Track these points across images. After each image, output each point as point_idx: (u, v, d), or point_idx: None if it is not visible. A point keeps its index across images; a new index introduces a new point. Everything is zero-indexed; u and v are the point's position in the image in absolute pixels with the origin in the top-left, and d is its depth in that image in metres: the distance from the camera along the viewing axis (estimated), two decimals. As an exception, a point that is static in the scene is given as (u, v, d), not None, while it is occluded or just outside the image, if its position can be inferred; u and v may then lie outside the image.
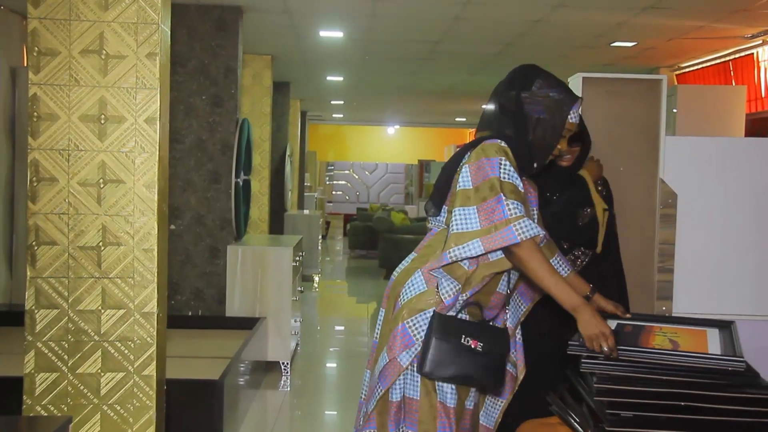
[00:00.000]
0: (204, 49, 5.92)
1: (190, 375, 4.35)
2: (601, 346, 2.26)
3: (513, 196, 2.39)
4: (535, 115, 2.53)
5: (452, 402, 2.50)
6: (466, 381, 2.48)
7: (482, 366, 2.44)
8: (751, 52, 7.78)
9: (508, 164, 2.45)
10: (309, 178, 16.55)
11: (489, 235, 2.37)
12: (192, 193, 5.92)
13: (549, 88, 2.54)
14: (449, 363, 2.43)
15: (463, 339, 2.43)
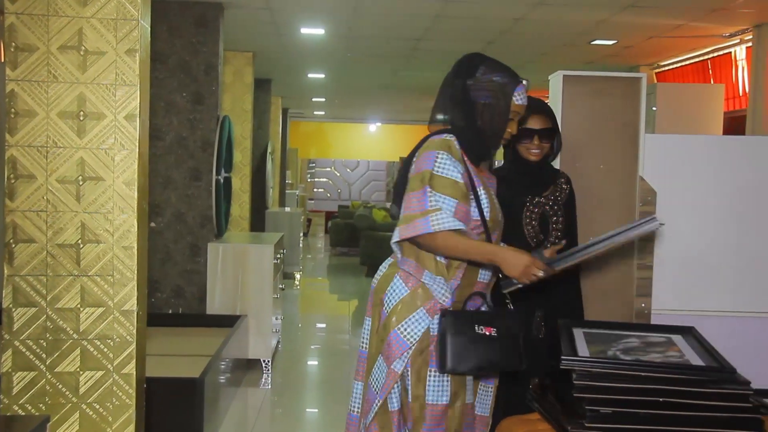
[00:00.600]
0: (184, 46, 5.89)
1: (170, 373, 4.33)
2: (535, 275, 2.40)
3: (442, 190, 2.48)
4: (481, 100, 2.59)
5: (444, 399, 2.53)
6: (492, 368, 2.53)
7: (502, 350, 2.49)
8: (729, 51, 7.84)
9: (445, 157, 2.53)
10: (290, 176, 16.51)
11: (407, 224, 2.50)
12: (172, 190, 5.90)
13: (492, 73, 2.60)
14: (469, 354, 2.46)
15: (477, 328, 2.48)
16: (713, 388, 2.17)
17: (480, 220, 2.56)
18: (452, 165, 2.53)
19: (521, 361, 2.52)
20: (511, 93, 2.58)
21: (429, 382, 2.55)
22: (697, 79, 8.46)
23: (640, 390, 2.20)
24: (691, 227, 3.66)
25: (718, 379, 2.21)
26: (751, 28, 6.89)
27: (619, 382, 2.21)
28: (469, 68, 2.63)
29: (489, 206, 2.60)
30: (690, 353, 2.42)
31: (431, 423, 2.54)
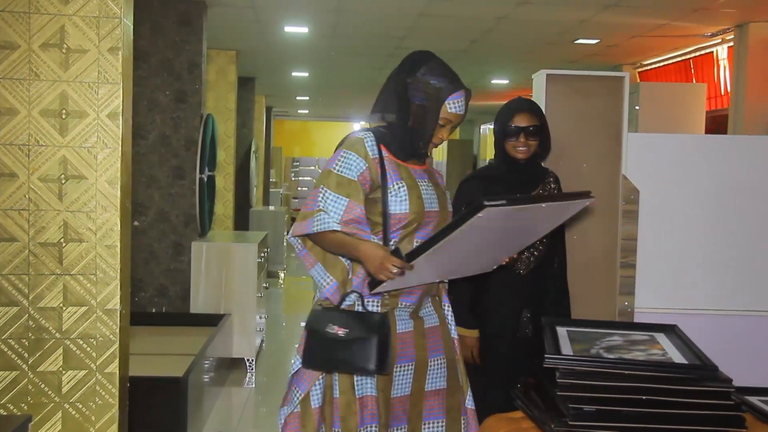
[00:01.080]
0: (168, 44, 5.87)
1: (154, 372, 4.32)
2: (390, 271, 2.37)
3: (337, 189, 2.53)
4: (416, 101, 2.57)
5: (373, 392, 2.55)
6: (344, 367, 2.52)
7: (352, 351, 2.47)
8: (711, 51, 7.90)
9: (347, 156, 2.56)
10: (274, 174, 16.48)
11: (300, 222, 2.56)
12: (156, 189, 5.87)
13: (432, 76, 2.57)
14: (321, 352, 2.52)
15: (329, 327, 2.52)
16: (695, 386, 2.19)
17: (401, 213, 2.55)
18: (353, 163, 2.55)
19: (367, 364, 2.46)
20: (444, 99, 2.55)
21: (356, 376, 2.56)
22: (680, 78, 8.52)
23: (623, 388, 2.21)
24: (674, 226, 3.68)
25: (700, 376, 2.22)
26: (733, 27, 6.95)
27: (602, 380, 2.22)
28: (413, 66, 2.62)
29: (406, 200, 2.56)
30: (673, 351, 2.44)
31: (362, 416, 2.54)
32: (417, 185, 2.61)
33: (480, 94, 13.46)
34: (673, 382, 2.20)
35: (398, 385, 2.64)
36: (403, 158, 2.63)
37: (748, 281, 3.70)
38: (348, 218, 2.52)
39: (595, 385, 2.21)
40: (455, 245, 2.38)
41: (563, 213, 2.61)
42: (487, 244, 2.55)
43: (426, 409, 2.69)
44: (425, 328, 2.70)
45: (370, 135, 2.62)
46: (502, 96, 13.73)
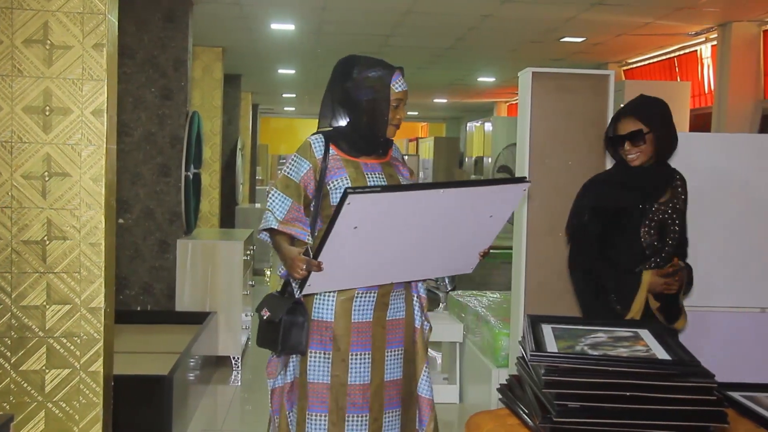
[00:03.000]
0: (153, 41, 5.84)
1: (138, 371, 4.30)
2: (301, 270, 2.53)
3: (284, 190, 2.76)
4: (364, 98, 2.75)
5: (324, 378, 2.74)
6: (266, 346, 2.78)
7: (266, 331, 2.77)
8: (695, 50, 7.95)
9: (295, 159, 2.79)
10: (260, 172, 16.45)
11: (262, 220, 2.82)
12: (141, 186, 5.85)
13: (367, 70, 2.76)
14: (259, 332, 2.80)
15: (262, 311, 2.77)
16: (678, 382, 2.20)
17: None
18: (299, 166, 2.77)
19: (268, 344, 2.75)
20: (388, 83, 2.74)
21: (310, 361, 2.76)
22: (664, 76, 8.56)
23: (608, 384, 2.22)
24: (658, 223, 3.69)
25: (683, 372, 2.23)
26: (716, 26, 6.99)
27: (586, 377, 2.23)
28: (344, 73, 2.80)
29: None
30: (656, 347, 2.45)
31: (313, 401, 2.74)
32: (364, 178, 2.75)
33: (466, 92, 13.48)
34: (656, 378, 2.21)
35: (355, 372, 2.77)
36: (356, 155, 2.79)
37: (729, 278, 3.72)
38: (290, 217, 2.75)
39: (580, 381, 2.22)
40: (363, 241, 2.47)
41: (499, 200, 2.62)
42: (418, 242, 2.61)
43: (386, 399, 2.82)
44: (387, 320, 2.82)
45: (320, 136, 2.81)
46: (489, 94, 13.76)
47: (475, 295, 5.63)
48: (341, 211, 2.34)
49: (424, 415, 2.90)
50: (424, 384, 2.92)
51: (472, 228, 2.68)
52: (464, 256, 2.77)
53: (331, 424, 2.74)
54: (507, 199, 2.64)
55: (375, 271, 2.68)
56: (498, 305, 5.23)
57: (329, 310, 2.76)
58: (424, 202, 2.49)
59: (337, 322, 2.76)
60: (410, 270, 2.77)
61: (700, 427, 2.19)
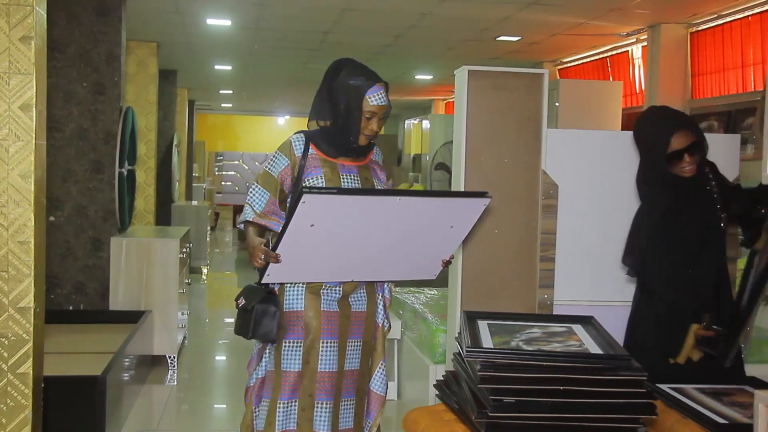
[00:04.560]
0: (84, 35, 5.71)
1: (70, 371, 4.22)
2: (258, 259, 2.69)
3: (264, 185, 2.91)
4: (341, 102, 2.86)
5: (296, 367, 2.86)
6: (239, 333, 2.88)
7: (243, 320, 2.86)
8: (626, 50, 8.12)
9: (275, 155, 2.94)
10: (197, 169, 16.25)
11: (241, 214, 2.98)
12: (73, 183, 5.72)
13: (350, 77, 2.86)
14: (236, 321, 2.89)
15: (239, 299, 2.89)
16: (610, 376, 2.25)
17: None
18: (278, 162, 2.92)
19: (247, 332, 2.84)
20: (363, 94, 2.83)
21: (283, 351, 2.89)
22: (597, 76, 8.73)
23: (542, 379, 2.25)
24: (592, 219, 3.76)
25: (614, 366, 2.28)
26: (646, 28, 7.16)
27: (521, 372, 2.26)
28: (335, 72, 2.91)
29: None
30: (589, 342, 2.50)
31: (285, 389, 2.85)
32: (339, 178, 2.87)
33: (404, 90, 13.53)
34: (589, 372, 2.25)
35: (324, 359, 2.88)
36: (334, 155, 2.90)
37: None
38: (267, 210, 2.91)
39: (515, 376, 2.25)
40: (321, 238, 2.58)
41: (458, 212, 2.69)
42: (378, 244, 2.69)
43: (343, 387, 2.94)
44: (351, 311, 2.94)
45: (301, 135, 2.95)
46: (426, 91, 13.83)
47: (412, 292, 5.65)
48: (296, 208, 2.45)
49: (373, 409, 3.01)
50: (378, 380, 3.03)
51: (433, 236, 2.76)
52: (427, 262, 2.86)
53: (301, 410, 2.85)
54: (467, 212, 2.71)
55: (335, 268, 2.78)
56: (435, 302, 5.27)
57: (299, 300, 2.88)
58: (381, 208, 2.57)
59: (307, 310, 2.88)
60: (371, 271, 2.87)
61: (631, 418, 2.25)
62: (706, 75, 6.87)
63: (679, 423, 2.43)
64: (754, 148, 5.81)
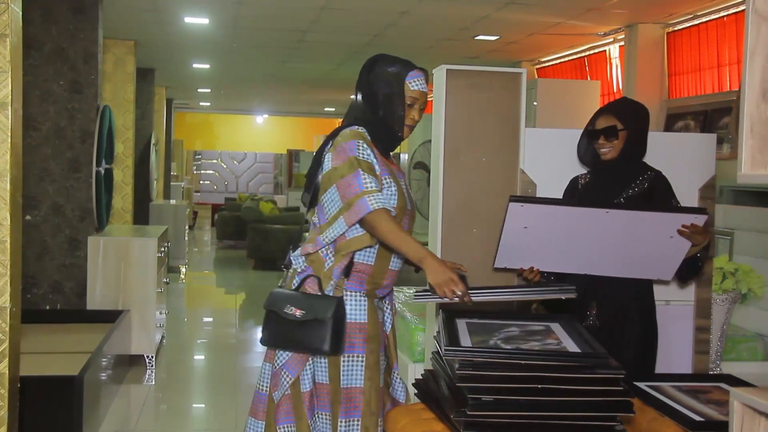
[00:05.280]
0: (61, 33, 5.67)
1: (47, 371, 4.19)
2: (453, 291, 2.44)
3: (369, 172, 2.62)
4: (381, 91, 2.76)
5: (358, 383, 2.66)
6: (296, 346, 2.66)
7: (306, 331, 2.61)
8: (604, 50, 8.17)
9: (364, 145, 2.68)
10: (175, 168, 16.17)
11: (349, 210, 2.59)
12: (50, 182, 5.67)
13: (387, 65, 2.79)
14: (279, 331, 2.66)
15: (287, 308, 2.64)
16: (587, 374, 2.26)
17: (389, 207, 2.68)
18: (370, 151, 2.69)
19: (321, 345, 2.60)
20: (403, 80, 2.75)
21: (342, 365, 2.67)
22: (575, 75, 8.78)
23: (520, 378, 2.26)
24: (569, 218, 3.78)
25: (592, 364, 2.30)
26: (623, 28, 7.21)
27: (499, 370, 2.27)
28: (371, 65, 2.81)
29: (395, 195, 2.72)
30: (567, 341, 2.51)
31: (347, 405, 2.66)
32: (399, 182, 2.78)
33: (383, 89, 13.50)
34: (566, 370, 2.27)
35: (381, 376, 2.75)
36: (385, 154, 2.80)
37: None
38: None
39: (493, 375, 2.26)
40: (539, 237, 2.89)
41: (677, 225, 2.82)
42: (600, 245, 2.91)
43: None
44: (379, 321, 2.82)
45: (365, 132, 2.75)
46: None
47: (391, 291, 5.65)
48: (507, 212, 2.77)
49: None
50: (398, 388, 2.92)
51: (653, 245, 2.89)
52: (656, 264, 2.99)
53: (364, 429, 2.67)
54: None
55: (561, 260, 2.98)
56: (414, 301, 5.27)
57: (362, 311, 2.72)
58: (591, 217, 2.82)
59: (370, 323, 2.72)
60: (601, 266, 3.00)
61: (608, 416, 2.26)
62: (683, 75, 6.93)
63: (656, 421, 2.45)
64: (730, 148, 5.87)
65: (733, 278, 4.19)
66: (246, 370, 6.28)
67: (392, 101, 2.75)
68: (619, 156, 3.10)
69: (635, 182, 3.13)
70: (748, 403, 1.58)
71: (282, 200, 17.31)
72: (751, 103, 1.58)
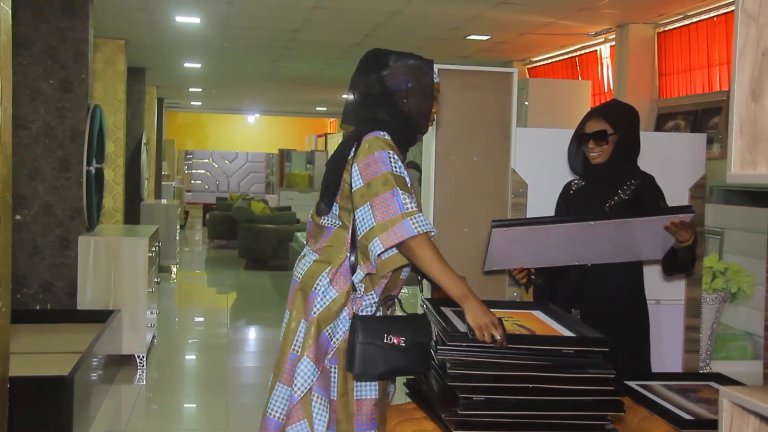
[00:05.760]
0: (51, 31, 5.65)
1: (37, 371, 4.17)
2: (492, 335, 2.26)
3: (406, 189, 2.44)
4: (403, 86, 2.58)
5: (373, 394, 2.57)
6: (398, 374, 2.53)
7: (410, 358, 2.45)
8: (595, 49, 8.19)
9: (395, 156, 2.48)
10: (167, 167, 16.13)
11: (386, 231, 2.40)
12: (40, 181, 5.65)
13: (404, 59, 2.62)
14: (377, 362, 2.44)
15: (386, 338, 2.44)
16: (579, 374, 2.26)
17: None
18: (402, 165, 2.51)
19: (426, 367, 2.47)
20: (430, 71, 2.60)
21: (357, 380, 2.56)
22: (567, 75, 8.79)
23: (511, 377, 2.27)
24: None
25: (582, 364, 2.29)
26: (614, 27, 7.23)
27: (490, 370, 2.27)
28: (379, 61, 2.63)
29: (418, 198, 2.64)
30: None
31: (362, 419, 2.55)
32: (414, 183, 2.62)
33: (375, 88, 13.50)
34: (558, 369, 2.27)
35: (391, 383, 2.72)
36: (405, 154, 2.64)
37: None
38: None
39: (484, 374, 2.26)
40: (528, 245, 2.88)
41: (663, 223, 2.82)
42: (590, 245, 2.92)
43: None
44: None
45: (387, 134, 2.54)
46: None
47: (383, 290, 5.65)
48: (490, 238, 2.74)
49: None
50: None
51: (642, 240, 2.92)
52: (646, 250, 3.00)
53: None
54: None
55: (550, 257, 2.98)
56: (405, 300, 5.26)
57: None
58: (576, 230, 2.84)
59: None
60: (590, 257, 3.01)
61: (599, 415, 2.27)
62: (673, 75, 6.95)
63: (646, 420, 2.46)
64: (720, 147, 5.89)
65: (723, 277, 4.21)
66: (237, 370, 6.27)
67: (420, 94, 2.57)
68: (609, 160, 3.06)
69: (624, 187, 3.10)
70: (737, 401, 1.59)
71: (273, 200, 17.27)
72: (741, 103, 1.59)
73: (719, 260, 4.38)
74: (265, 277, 10.87)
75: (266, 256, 11.57)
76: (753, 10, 1.58)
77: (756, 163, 1.59)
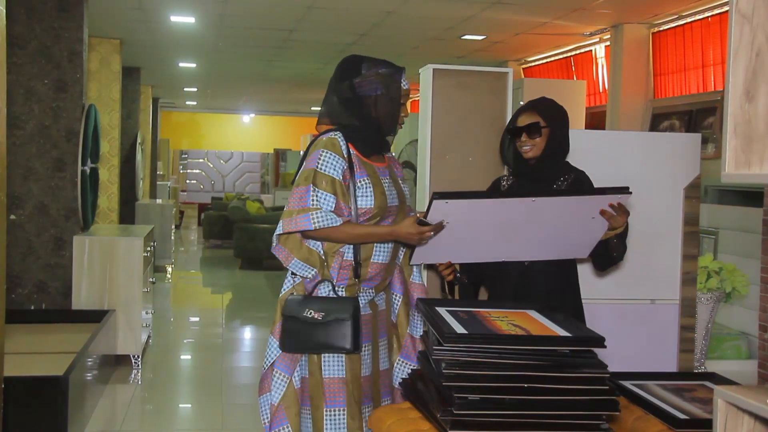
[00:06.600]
0: (45, 31, 5.64)
1: (32, 372, 4.16)
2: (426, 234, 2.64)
3: (325, 187, 2.71)
4: (373, 93, 2.80)
5: (341, 374, 2.75)
6: (321, 348, 2.73)
7: (329, 333, 2.71)
8: (590, 49, 8.20)
9: (328, 156, 2.74)
10: (162, 167, 16.10)
11: (290, 218, 2.72)
12: (34, 181, 5.64)
13: (376, 67, 2.81)
14: (300, 336, 2.72)
15: (307, 312, 2.71)
16: (573, 373, 2.27)
17: (366, 208, 2.77)
18: (334, 163, 2.74)
19: (347, 343, 2.71)
20: (399, 80, 2.80)
21: (324, 357, 2.76)
22: (561, 75, 8.81)
23: (506, 377, 2.27)
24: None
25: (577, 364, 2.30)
26: (609, 28, 7.24)
27: (486, 370, 2.27)
28: (353, 68, 2.83)
29: (372, 196, 2.77)
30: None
31: (331, 396, 2.74)
32: (380, 182, 2.82)
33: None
34: (553, 369, 2.27)
35: (365, 364, 2.82)
36: (368, 155, 2.82)
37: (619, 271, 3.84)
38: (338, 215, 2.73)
39: (479, 374, 2.26)
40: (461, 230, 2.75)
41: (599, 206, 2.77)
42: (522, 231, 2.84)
43: (381, 388, 2.90)
44: (378, 310, 2.91)
45: (340, 135, 2.80)
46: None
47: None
48: (428, 211, 2.65)
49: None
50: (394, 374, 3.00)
51: (575, 227, 2.86)
52: (575, 243, 2.95)
53: (350, 418, 2.75)
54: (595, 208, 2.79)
55: (479, 251, 2.92)
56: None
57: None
58: (517, 207, 2.74)
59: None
60: (518, 251, 2.96)
61: (594, 415, 2.27)
62: (668, 75, 6.96)
63: (641, 419, 2.47)
64: (715, 147, 5.90)
65: (717, 277, 4.22)
66: (232, 370, 6.26)
67: (388, 101, 2.79)
68: (541, 155, 3.02)
69: (557, 183, 3.08)
70: (731, 401, 1.59)
71: (269, 200, 17.25)
72: (735, 103, 1.60)
73: (714, 260, 4.39)
74: (260, 277, 10.87)
75: (261, 256, 11.55)
76: (747, 10, 1.59)
77: (750, 162, 1.59)
